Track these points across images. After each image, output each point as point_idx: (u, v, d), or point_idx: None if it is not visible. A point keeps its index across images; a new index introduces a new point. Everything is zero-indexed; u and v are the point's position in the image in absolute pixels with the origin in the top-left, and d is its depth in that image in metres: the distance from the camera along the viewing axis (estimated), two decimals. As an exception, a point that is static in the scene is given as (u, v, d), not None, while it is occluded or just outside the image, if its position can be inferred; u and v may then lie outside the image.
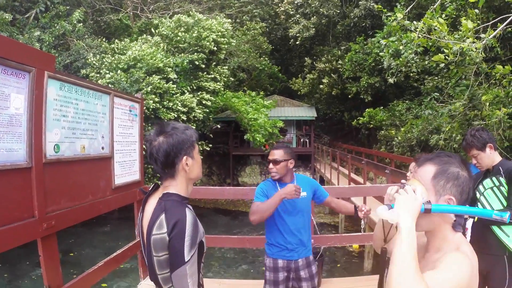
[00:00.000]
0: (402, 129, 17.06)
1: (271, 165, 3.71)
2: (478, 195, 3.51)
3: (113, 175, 3.97)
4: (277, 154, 3.70)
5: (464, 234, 1.74)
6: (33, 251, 3.09)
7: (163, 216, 1.81)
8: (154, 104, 15.87)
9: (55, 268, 2.93)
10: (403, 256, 1.39)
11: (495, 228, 3.34)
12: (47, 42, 16.44)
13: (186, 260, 1.76)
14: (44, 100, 2.84)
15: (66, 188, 3.14)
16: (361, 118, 21.82)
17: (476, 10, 8.99)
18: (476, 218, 3.39)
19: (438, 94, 14.77)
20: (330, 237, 7.05)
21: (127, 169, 4.35)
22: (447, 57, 8.24)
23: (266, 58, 32.78)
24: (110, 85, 14.21)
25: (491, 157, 3.49)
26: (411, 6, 14.25)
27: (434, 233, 1.62)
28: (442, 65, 9.43)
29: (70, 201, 3.16)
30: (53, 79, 2.97)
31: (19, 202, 2.60)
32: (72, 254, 13.06)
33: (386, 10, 12.61)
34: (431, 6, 11.25)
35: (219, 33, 20.71)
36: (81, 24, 18.85)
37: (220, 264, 12.35)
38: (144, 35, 21.20)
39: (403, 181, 3.12)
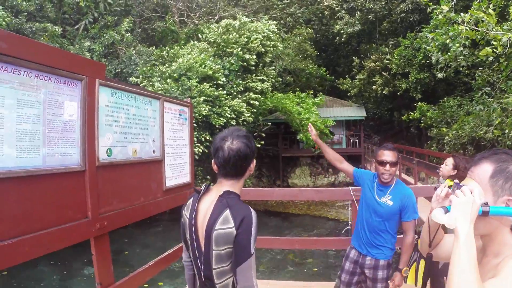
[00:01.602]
0: (454, 126, 16.58)
1: (387, 167, 3.65)
2: None
3: (164, 177, 4.06)
4: (393, 155, 3.67)
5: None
6: (85, 251, 3.21)
7: (227, 212, 1.91)
8: (205, 111, 16.18)
9: (107, 267, 3.04)
10: (463, 265, 1.34)
11: None
12: (97, 52, 17.04)
13: (251, 253, 1.89)
14: (96, 107, 2.95)
15: (118, 190, 3.25)
16: (412, 113, 21.32)
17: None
18: None
19: (489, 89, 14.27)
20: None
21: (177, 172, 4.44)
22: (495, 50, 7.95)
23: (311, 61, 32.53)
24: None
25: None
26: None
27: (492, 237, 1.53)
28: (490, 58, 9.07)
29: (122, 203, 3.27)
30: (104, 86, 3.08)
31: (74, 203, 2.71)
32: (126, 253, 13.42)
33: (431, 3, 12.30)
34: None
35: (265, 36, 20.79)
36: (129, 34, 19.41)
37: (268, 266, 12.37)
38: (192, 41, 21.54)
39: (456, 181, 3.01)
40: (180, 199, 4.49)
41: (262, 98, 21.06)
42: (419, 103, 21.58)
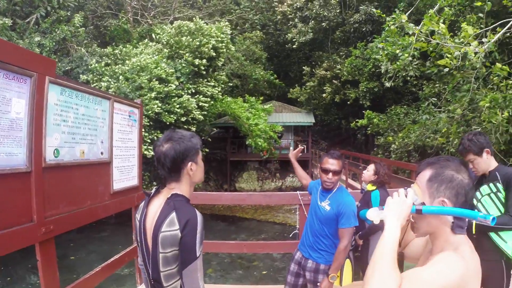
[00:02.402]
0: (400, 134, 17.06)
1: (330, 175, 3.68)
2: (475, 201, 3.49)
3: (111, 180, 3.96)
4: (337, 164, 3.70)
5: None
6: (30, 255, 3.08)
7: (173, 214, 1.93)
8: (157, 109, 16.00)
9: (53, 273, 2.92)
10: (381, 251, 1.52)
11: (492, 235, 3.35)
12: (48, 48, 16.44)
13: (197, 256, 1.90)
14: (45, 105, 2.84)
15: (65, 192, 3.14)
16: (360, 120, 21.82)
17: (480, 14, 9.04)
18: (474, 224, 3.39)
19: (435, 99, 14.80)
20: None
21: (125, 174, 4.34)
22: (451, 61, 8.28)
23: (261, 66, 32.71)
24: (110, 91, 14.32)
25: (487, 162, 3.49)
26: (409, 11, 14.31)
27: (435, 236, 1.66)
28: (446, 69, 9.42)
29: (68, 206, 3.16)
30: (54, 84, 2.97)
31: (18, 206, 2.59)
32: (72, 258, 13.01)
33: (385, 15, 12.64)
34: (430, 10, 11.29)
35: (219, 39, 20.76)
36: (82, 29, 18.87)
37: (216, 270, 12.31)
38: (146, 39, 21.25)
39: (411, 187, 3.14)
40: (128, 203, 4.40)
41: (212, 102, 21.00)
42: (367, 110, 22.10)
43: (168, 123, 16.84)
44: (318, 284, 3.69)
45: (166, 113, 16.93)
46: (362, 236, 4.67)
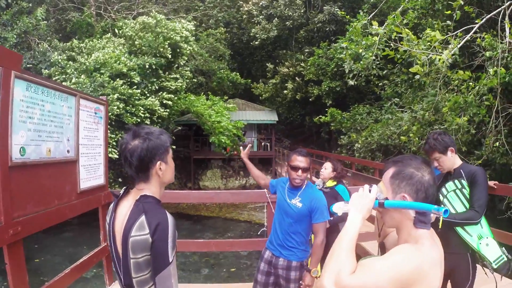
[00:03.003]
0: (363, 133, 17.32)
1: (299, 172, 3.68)
2: (441, 197, 3.60)
3: (78, 179, 3.86)
4: (305, 161, 3.70)
5: None
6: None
7: (143, 218, 1.80)
8: (117, 110, 15.63)
9: (22, 277, 2.82)
10: (341, 240, 1.65)
11: (458, 229, 3.46)
12: (10, 42, 15.87)
13: (170, 261, 1.79)
14: (11, 101, 2.73)
15: (32, 192, 3.03)
16: (323, 117, 22.02)
17: (448, 22, 9.27)
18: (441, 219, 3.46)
19: (398, 100, 15.11)
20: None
21: (92, 173, 4.24)
22: (421, 68, 8.46)
23: (225, 63, 32.63)
24: (73, 87, 13.92)
25: (452, 160, 3.60)
26: (373, 13, 14.54)
27: (400, 229, 1.76)
28: (417, 76, 9.62)
29: (36, 206, 3.05)
30: (20, 79, 2.86)
31: (-17, 207, 2.48)
32: (36, 260, 12.62)
33: (349, 16, 12.80)
34: (393, 12, 11.51)
35: (182, 37, 20.55)
36: (44, 22, 18.32)
37: (184, 269, 12.19)
38: (109, 34, 20.84)
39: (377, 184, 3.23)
40: (95, 202, 4.32)
41: (176, 98, 20.75)
42: (331, 108, 22.31)
43: (131, 124, 16.42)
44: (299, 281, 3.72)
45: (129, 114, 16.57)
46: (331, 222, 4.91)
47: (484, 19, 9.73)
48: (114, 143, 15.38)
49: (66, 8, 23.70)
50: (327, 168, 5.36)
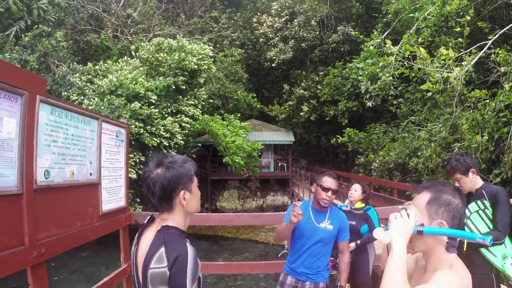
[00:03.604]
0: (380, 153, 17.23)
1: (329, 193, 3.74)
2: (464, 219, 3.59)
3: (100, 201, 3.89)
4: (335, 184, 3.78)
5: None
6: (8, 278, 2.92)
7: (162, 250, 1.78)
8: (137, 129, 15.80)
9: (45, 297, 2.84)
10: (392, 269, 1.65)
11: (482, 250, 3.49)
12: (31, 65, 16.19)
13: None
14: (36, 125, 2.78)
15: (55, 215, 3.07)
16: (340, 138, 22.00)
17: (460, 39, 9.27)
18: (465, 242, 3.48)
19: (414, 118, 15.03)
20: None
21: (113, 195, 4.28)
22: (433, 86, 8.46)
23: (242, 86, 32.81)
24: (90, 109, 14.10)
25: (473, 181, 3.66)
26: (387, 32, 14.61)
27: (430, 254, 1.81)
28: (429, 94, 9.62)
29: (59, 228, 3.08)
30: (45, 103, 2.92)
31: (10, 229, 2.51)
32: (55, 278, 12.66)
33: (363, 36, 12.83)
34: (407, 31, 11.55)
35: (200, 56, 20.79)
36: (64, 43, 18.68)
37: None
38: (125, 57, 21.17)
39: (400, 206, 3.24)
40: (116, 224, 4.35)
41: (193, 122, 20.95)
42: (347, 128, 22.26)
43: (150, 145, 16.67)
44: None
45: (148, 134, 16.74)
46: (361, 243, 4.99)
47: (497, 35, 9.73)
48: (132, 163, 15.51)
49: (84, 30, 24.17)
50: (357, 190, 5.36)
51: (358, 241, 4.95)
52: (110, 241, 5.00)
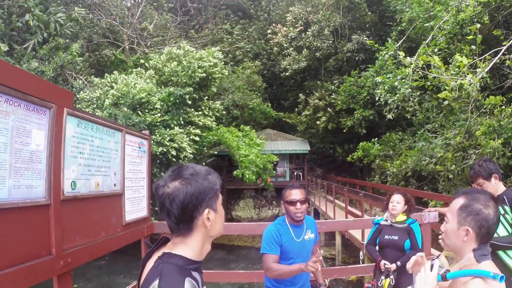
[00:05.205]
0: (397, 161, 17.14)
1: (298, 205, 3.52)
2: (496, 227, 3.60)
3: (123, 211, 3.95)
4: (301, 193, 3.58)
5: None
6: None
7: (156, 284, 1.43)
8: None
9: (71, 307, 2.88)
10: None
11: (500, 253, 3.55)
12: (48, 75, 16.41)
13: None
14: (63, 137, 2.84)
15: (81, 225, 3.12)
16: (355, 153, 21.94)
17: (473, 46, 9.24)
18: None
19: (431, 126, 14.95)
20: (334, 269, 7.28)
21: (136, 206, 4.33)
22: (450, 94, 8.46)
23: (259, 95, 32.96)
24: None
25: (495, 186, 3.70)
26: (402, 40, 14.56)
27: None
28: (445, 102, 9.55)
29: (84, 238, 3.13)
30: (72, 116, 2.98)
31: (37, 239, 2.56)
32: (75, 286, 12.77)
33: (377, 45, 12.81)
34: (423, 42, 11.53)
35: (211, 63, 20.87)
36: (80, 58, 18.96)
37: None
38: (139, 68, 21.37)
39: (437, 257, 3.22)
40: (138, 234, 4.39)
41: (205, 134, 20.91)
42: (361, 143, 22.19)
43: (158, 153, 16.43)
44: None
45: (154, 143, 16.40)
46: (402, 263, 4.37)
47: (512, 41, 9.69)
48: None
49: (101, 43, 24.48)
50: (399, 202, 4.69)
51: (399, 262, 4.39)
52: (127, 249, 5.03)
